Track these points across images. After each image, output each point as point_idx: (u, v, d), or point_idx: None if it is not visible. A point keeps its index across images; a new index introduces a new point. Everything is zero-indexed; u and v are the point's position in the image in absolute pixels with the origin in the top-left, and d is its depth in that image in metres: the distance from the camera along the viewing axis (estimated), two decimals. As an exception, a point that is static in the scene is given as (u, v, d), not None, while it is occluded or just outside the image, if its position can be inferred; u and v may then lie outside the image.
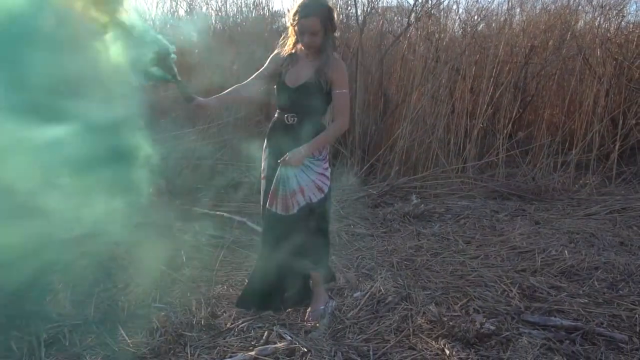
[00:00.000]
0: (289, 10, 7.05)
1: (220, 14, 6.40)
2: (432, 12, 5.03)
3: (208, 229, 3.46)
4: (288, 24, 2.13)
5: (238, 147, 5.14)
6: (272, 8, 6.41)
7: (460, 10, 5.98)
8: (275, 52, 2.20)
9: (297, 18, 2.01)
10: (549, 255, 3.10)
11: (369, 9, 5.03)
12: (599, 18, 5.96)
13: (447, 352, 1.99)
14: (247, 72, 5.36)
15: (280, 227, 2.10)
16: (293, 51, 2.15)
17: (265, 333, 2.12)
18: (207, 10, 6.50)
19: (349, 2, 5.50)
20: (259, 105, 5.01)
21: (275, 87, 2.17)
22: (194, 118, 5.07)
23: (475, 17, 5.97)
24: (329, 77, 2.07)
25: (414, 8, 5.09)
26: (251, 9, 6.52)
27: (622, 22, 6.11)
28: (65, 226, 1.65)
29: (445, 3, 5.32)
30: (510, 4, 5.63)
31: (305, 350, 1.98)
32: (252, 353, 1.96)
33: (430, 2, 5.04)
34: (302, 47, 2.09)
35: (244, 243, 3.20)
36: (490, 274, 2.79)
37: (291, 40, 2.14)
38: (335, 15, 2.13)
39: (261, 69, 2.19)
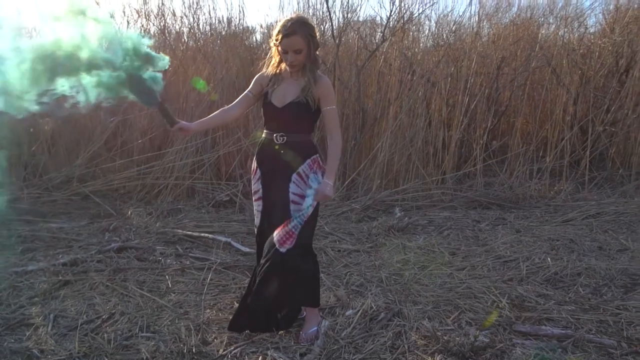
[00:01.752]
0: (261, 25, 7.07)
1: (192, 30, 6.39)
2: (405, 27, 5.12)
3: (191, 250, 3.40)
4: (271, 44, 2.12)
5: (218, 165, 5.09)
6: (245, 24, 6.42)
7: (432, 23, 6.10)
8: (260, 73, 2.20)
9: (280, 37, 2.02)
10: (533, 264, 3.16)
11: (344, 25, 5.09)
12: (562, 30, 6.22)
13: (444, 367, 1.98)
14: (223, 89, 5.35)
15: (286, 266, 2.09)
16: (277, 71, 2.15)
17: (260, 358, 2.07)
18: (180, 27, 6.48)
19: (324, 17, 5.57)
20: (237, 122, 4.98)
21: (262, 107, 2.16)
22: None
23: (447, 31, 6.14)
24: (316, 95, 2.08)
25: (388, 23, 5.19)
26: (224, 25, 6.53)
27: (584, 33, 6.39)
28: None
29: (416, 15, 5.41)
30: (479, 17, 5.79)
31: (302, 374, 1.94)
32: (248, 380, 1.90)
33: (403, 17, 5.14)
34: (286, 66, 2.09)
35: (230, 264, 3.13)
36: (479, 285, 2.82)
37: (275, 60, 2.15)
38: (317, 33, 2.15)
39: (246, 91, 2.19)
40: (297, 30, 1.99)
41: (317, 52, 2.15)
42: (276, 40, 2.04)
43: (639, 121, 5.52)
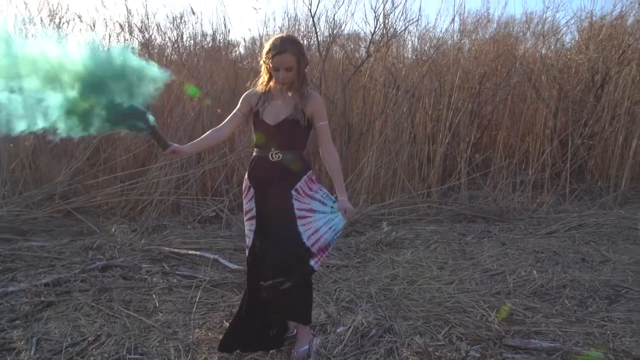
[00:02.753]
0: (245, 39, 7.08)
1: (176, 45, 6.38)
2: (389, 42, 5.21)
3: (178, 268, 3.35)
4: (261, 62, 2.13)
5: (203, 180, 5.06)
6: (230, 38, 6.42)
7: (414, 39, 6.21)
8: (248, 91, 2.20)
9: (270, 55, 2.03)
10: (519, 277, 3.20)
11: (330, 40, 5.15)
12: (540, 46, 6.41)
13: (437, 384, 1.98)
14: (209, 103, 5.31)
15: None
16: (267, 89, 2.15)
17: (251, 379, 2.04)
18: (164, 40, 6.47)
19: (310, 32, 5.62)
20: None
21: (252, 126, 2.15)
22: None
23: (428, 46, 6.26)
24: (308, 111, 2.09)
25: (372, 39, 5.27)
26: (207, 39, 6.54)
27: (561, 49, 6.60)
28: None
29: (400, 31, 5.50)
30: (461, 33, 5.92)
31: (295, 394, 1.92)
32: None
33: (387, 33, 5.22)
34: (276, 84, 2.10)
35: (218, 282, 3.10)
36: (467, 299, 2.84)
37: (264, 77, 2.15)
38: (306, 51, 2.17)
39: (235, 111, 2.18)
40: (289, 47, 2.01)
41: (306, 70, 2.17)
42: (267, 58, 2.05)
43: (615, 134, 5.69)
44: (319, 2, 5.09)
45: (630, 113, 5.67)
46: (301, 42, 2.17)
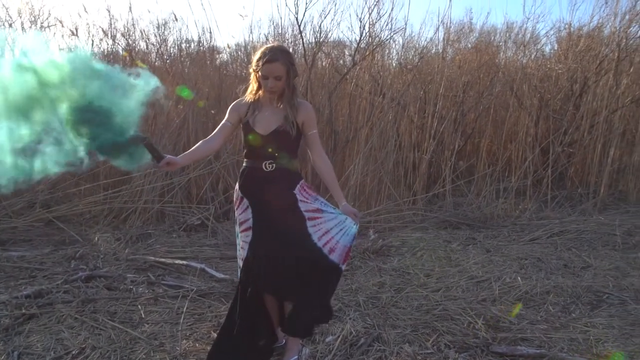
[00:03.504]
0: (228, 46, 7.07)
1: (160, 50, 6.33)
2: (375, 51, 5.26)
3: (164, 278, 3.30)
4: (251, 70, 2.13)
5: (188, 188, 5.01)
6: (212, 43, 6.39)
7: (398, 48, 6.29)
8: (236, 102, 2.19)
9: (260, 64, 2.04)
10: (504, 283, 3.25)
11: (316, 49, 5.18)
12: (520, 55, 6.56)
13: (427, 393, 1.99)
14: (194, 110, 5.27)
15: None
16: (256, 97, 2.15)
17: (241, 390, 2.02)
18: (147, 46, 6.41)
19: (296, 40, 5.64)
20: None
21: (243, 136, 2.14)
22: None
23: (412, 54, 6.35)
24: (299, 120, 2.11)
25: (358, 48, 5.31)
26: (192, 45, 6.50)
27: (542, 58, 6.77)
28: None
29: (385, 39, 5.56)
30: (445, 42, 6.01)
31: (285, 405, 1.91)
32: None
33: (373, 42, 5.28)
34: (265, 92, 2.10)
35: (205, 291, 3.06)
36: (455, 306, 2.87)
37: (253, 86, 2.15)
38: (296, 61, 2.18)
39: (224, 121, 2.15)
40: (279, 57, 2.02)
41: (295, 80, 2.17)
42: (256, 66, 2.05)
43: (594, 142, 5.84)
44: (305, 11, 5.08)
45: (608, 122, 5.83)
46: (292, 52, 2.18)
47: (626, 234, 4.39)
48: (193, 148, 2.12)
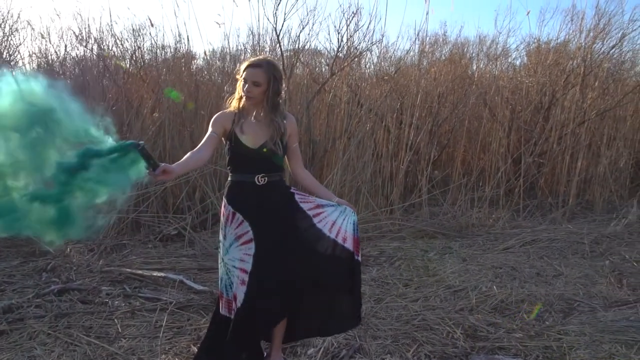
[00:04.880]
0: (205, 52, 6.99)
1: (134, 56, 6.23)
2: (353, 62, 5.33)
3: (141, 290, 3.24)
4: (237, 76, 2.14)
5: (164, 197, 4.93)
6: (189, 49, 6.33)
7: (375, 59, 6.38)
8: (219, 113, 2.18)
9: (245, 67, 2.07)
10: (480, 292, 3.32)
11: (295, 60, 5.21)
12: (492, 67, 6.76)
13: (409, 404, 2.02)
14: (170, 117, 5.20)
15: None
16: (240, 106, 2.14)
17: (223, 406, 2.00)
18: (121, 52, 6.29)
19: (273, 49, 5.65)
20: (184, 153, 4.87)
21: (231, 151, 2.12)
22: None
23: (388, 64, 6.45)
24: (286, 133, 2.12)
25: (336, 57, 5.37)
26: (167, 51, 6.42)
27: (512, 71, 6.99)
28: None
29: (363, 51, 5.64)
30: (420, 54, 6.14)
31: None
32: None
33: (350, 53, 5.34)
34: (246, 101, 2.09)
35: (184, 304, 3.02)
36: (433, 316, 2.91)
37: (237, 93, 2.14)
38: (283, 83, 2.20)
39: (209, 133, 2.11)
40: (264, 65, 2.05)
41: (279, 99, 2.16)
42: (242, 70, 2.07)
43: (562, 153, 6.05)
44: (284, 21, 5.10)
45: (575, 134, 6.06)
46: (281, 70, 2.20)
47: (593, 242, 4.56)
48: (185, 158, 2.02)
